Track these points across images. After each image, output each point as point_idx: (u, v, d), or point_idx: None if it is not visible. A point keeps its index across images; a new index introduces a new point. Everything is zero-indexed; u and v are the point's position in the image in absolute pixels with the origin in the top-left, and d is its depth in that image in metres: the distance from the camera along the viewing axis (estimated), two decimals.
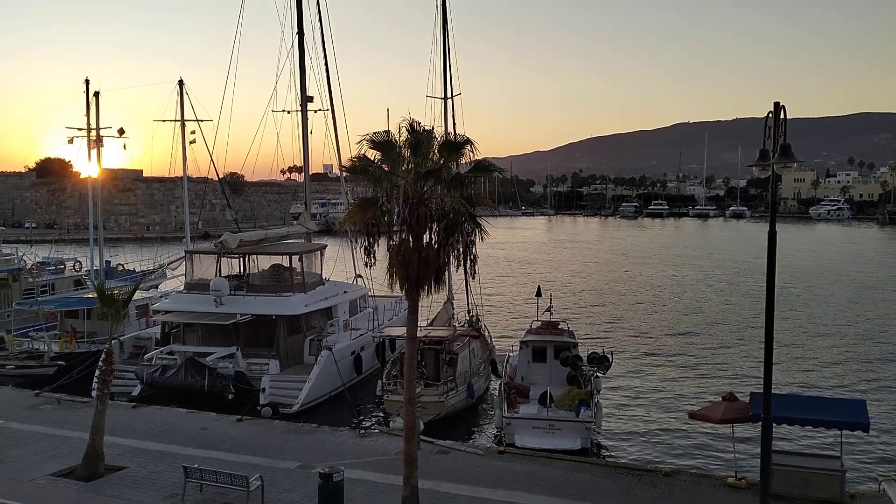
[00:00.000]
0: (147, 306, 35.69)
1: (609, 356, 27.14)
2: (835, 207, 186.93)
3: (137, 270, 48.88)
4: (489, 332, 33.83)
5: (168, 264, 51.18)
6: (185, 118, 44.22)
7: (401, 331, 25.27)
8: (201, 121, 44.14)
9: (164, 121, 44.71)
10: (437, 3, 37.72)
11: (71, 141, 44.07)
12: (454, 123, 37.91)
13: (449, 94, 38.23)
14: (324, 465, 16.75)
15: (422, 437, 20.99)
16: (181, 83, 44.21)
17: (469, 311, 34.49)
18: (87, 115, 42.98)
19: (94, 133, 42.89)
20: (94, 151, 43.51)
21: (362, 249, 15.37)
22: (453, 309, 36.15)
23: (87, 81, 42.89)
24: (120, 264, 50.22)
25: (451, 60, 38.08)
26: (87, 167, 46.08)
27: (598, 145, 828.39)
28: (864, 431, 18.02)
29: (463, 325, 32.66)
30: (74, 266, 45.60)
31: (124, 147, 45.48)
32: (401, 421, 19.52)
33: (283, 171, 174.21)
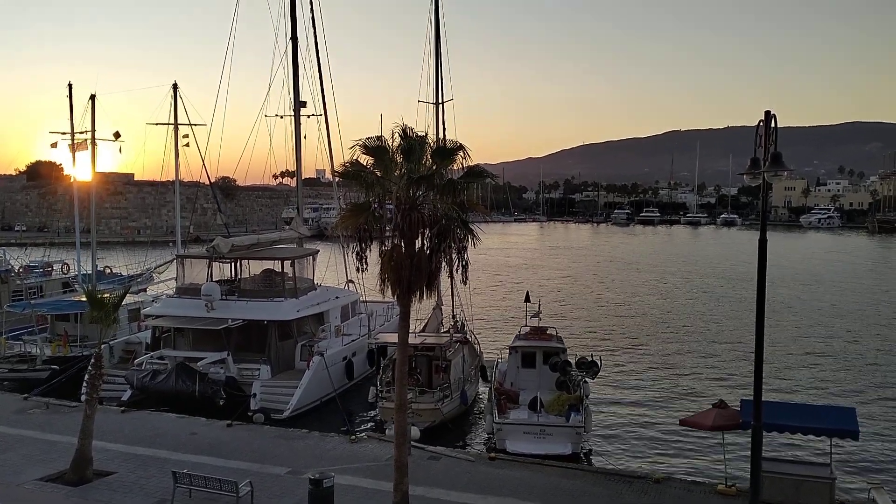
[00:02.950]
0: (138, 310, 35.56)
1: (597, 361, 27.16)
2: (825, 216, 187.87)
3: (124, 274, 48.71)
4: (476, 338, 33.91)
5: (155, 268, 51.02)
6: (179, 122, 44.16)
7: (395, 337, 25.26)
8: (195, 125, 44.09)
9: (157, 124, 44.60)
10: (430, 8, 37.86)
11: (55, 145, 44.05)
12: (444, 129, 38.01)
13: (440, 100, 38.30)
14: (314, 471, 16.71)
15: (413, 442, 20.97)
16: (175, 87, 44.17)
17: (454, 317, 34.48)
18: (70, 118, 42.99)
19: (78, 136, 42.84)
20: (85, 155, 43.44)
21: (354, 255, 15.35)
22: (442, 315, 36.17)
23: (69, 85, 43.01)
24: (107, 267, 50.02)
25: (442, 66, 38.18)
26: (74, 170, 46.03)
27: (591, 152, 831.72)
28: (854, 439, 18.10)
29: (448, 331, 32.66)
30: (62, 269, 45.44)
31: (120, 151, 45.47)
32: None
33: (275, 176, 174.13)
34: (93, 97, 42.50)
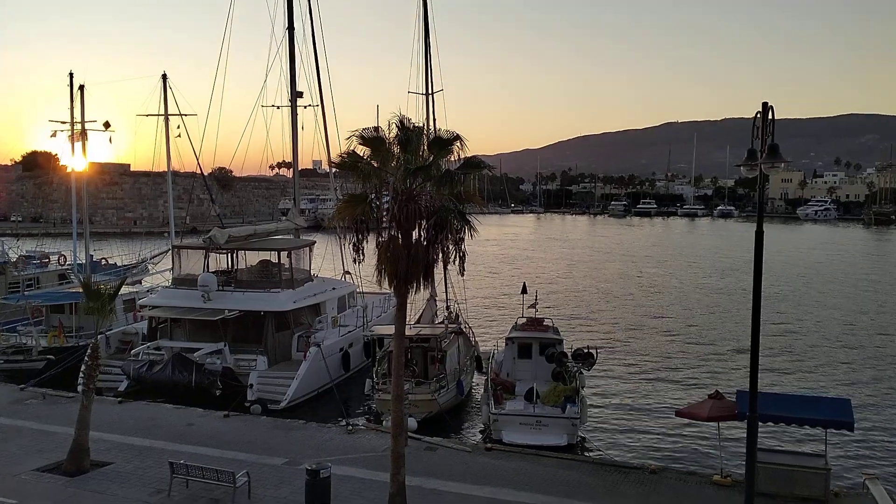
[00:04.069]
0: (134, 301, 35.53)
1: (594, 353, 27.25)
2: (822, 208, 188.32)
3: (120, 264, 48.65)
4: (471, 329, 34.00)
5: (150, 258, 50.96)
6: (169, 113, 43.91)
7: (391, 329, 25.28)
8: (185, 115, 43.87)
9: (147, 115, 44.35)
10: None
11: (54, 134, 43.85)
12: (434, 120, 38.00)
13: (430, 91, 38.22)
14: (311, 462, 16.75)
15: (409, 433, 21.01)
16: (164, 77, 43.87)
17: (448, 308, 34.54)
18: (71, 108, 42.72)
19: (78, 126, 42.66)
20: (79, 145, 43.33)
21: (351, 246, 15.34)
22: (436, 306, 36.23)
23: (70, 75, 42.69)
24: (103, 258, 49.94)
25: (431, 57, 38.10)
26: (73, 160, 45.86)
27: (588, 144, 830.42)
28: (849, 430, 18.19)
29: (442, 322, 32.73)
30: (59, 260, 45.32)
31: (110, 140, 45.37)
32: None
33: (271, 167, 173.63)
34: (81, 87, 42.38)
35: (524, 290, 31.16)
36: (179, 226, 53.97)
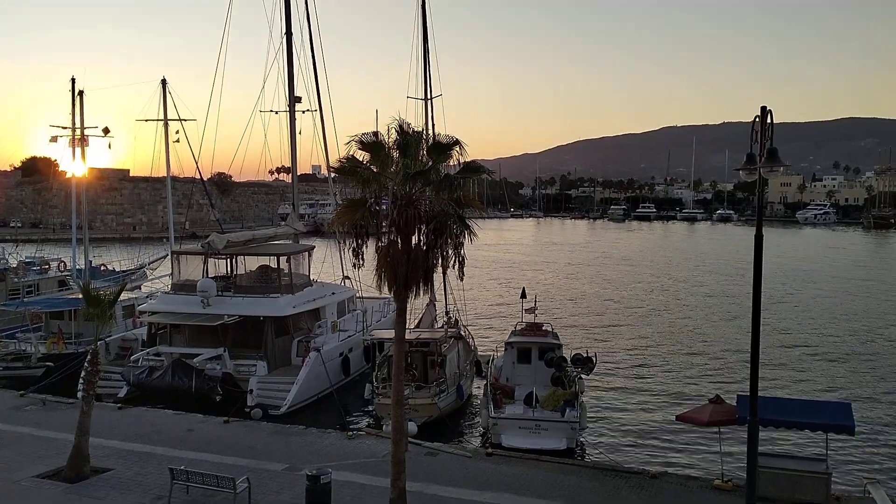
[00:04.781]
0: (133, 307, 35.49)
1: (593, 357, 27.25)
2: (821, 211, 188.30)
3: (119, 270, 48.63)
4: (470, 333, 33.94)
5: (149, 264, 50.92)
6: (169, 118, 43.92)
7: (391, 333, 25.28)
8: (185, 120, 43.89)
9: (146, 120, 44.34)
10: (417, 4, 37.79)
11: (54, 139, 43.90)
12: (433, 124, 38.07)
13: (429, 96, 38.28)
14: (311, 467, 16.73)
15: (409, 438, 20.99)
16: (164, 83, 43.88)
17: (447, 313, 34.53)
18: (73, 113, 42.76)
19: (78, 132, 42.73)
20: (79, 151, 43.38)
21: (350, 251, 15.35)
22: (436, 311, 36.21)
23: (72, 80, 42.69)
24: (102, 264, 49.91)
25: (430, 62, 38.17)
26: (73, 166, 45.88)
27: (587, 148, 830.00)
28: (850, 434, 18.16)
29: (442, 327, 32.74)
30: (59, 266, 45.29)
31: (109, 146, 45.43)
32: None
33: (270, 172, 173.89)
34: (80, 93, 42.42)
35: (523, 295, 31.17)
36: (178, 231, 54.06)
